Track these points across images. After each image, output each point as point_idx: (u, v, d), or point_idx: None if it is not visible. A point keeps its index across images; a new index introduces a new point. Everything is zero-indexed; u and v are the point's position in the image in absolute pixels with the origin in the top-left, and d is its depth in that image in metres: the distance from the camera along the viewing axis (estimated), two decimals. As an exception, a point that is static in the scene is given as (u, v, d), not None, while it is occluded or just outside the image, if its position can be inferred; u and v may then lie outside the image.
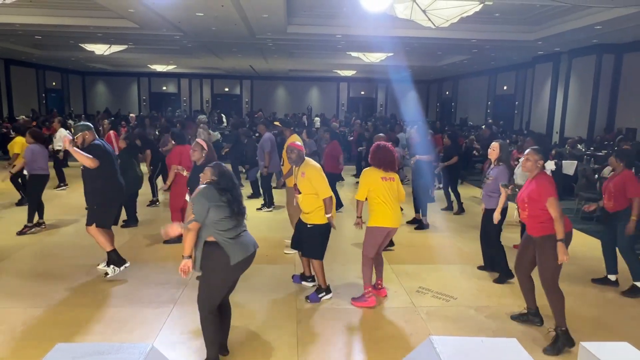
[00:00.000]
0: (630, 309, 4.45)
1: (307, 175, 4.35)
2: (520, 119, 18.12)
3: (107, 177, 4.76)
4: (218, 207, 3.07)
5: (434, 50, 16.47)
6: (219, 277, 3.13)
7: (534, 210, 3.69)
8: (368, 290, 4.36)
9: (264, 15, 10.60)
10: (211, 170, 3.21)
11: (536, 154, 3.75)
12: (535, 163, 3.73)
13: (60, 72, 24.61)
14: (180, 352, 3.52)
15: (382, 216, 4.25)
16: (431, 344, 1.97)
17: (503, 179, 4.86)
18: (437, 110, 27.64)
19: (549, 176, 3.82)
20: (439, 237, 6.78)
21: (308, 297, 4.45)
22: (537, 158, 3.73)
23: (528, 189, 3.77)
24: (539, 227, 3.69)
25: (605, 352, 1.98)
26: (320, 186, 4.29)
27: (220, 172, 3.20)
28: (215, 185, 3.12)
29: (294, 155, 4.47)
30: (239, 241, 3.15)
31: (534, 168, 3.74)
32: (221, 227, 3.07)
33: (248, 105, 27.87)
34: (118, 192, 4.96)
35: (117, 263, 4.84)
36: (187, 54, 18.54)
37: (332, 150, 8.02)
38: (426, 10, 7.73)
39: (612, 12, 9.27)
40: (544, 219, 3.64)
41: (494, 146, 5.05)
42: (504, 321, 4.09)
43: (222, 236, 3.08)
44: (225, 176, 3.20)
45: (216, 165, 3.27)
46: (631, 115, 12.97)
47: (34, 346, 3.49)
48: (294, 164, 4.54)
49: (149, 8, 9.94)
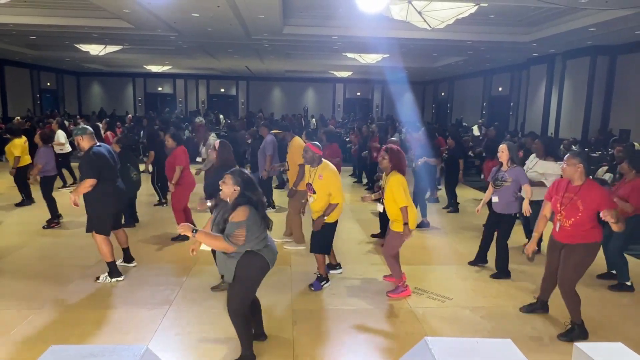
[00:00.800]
0: (625, 309, 4.48)
1: (324, 178, 4.53)
2: (516, 120, 18.20)
3: (103, 184, 4.64)
4: (260, 228, 3.15)
5: (429, 51, 16.52)
6: (257, 281, 3.30)
7: (584, 219, 3.62)
8: (402, 282, 4.60)
9: (260, 16, 10.59)
10: (233, 178, 3.10)
11: (574, 157, 3.69)
12: (574, 167, 3.66)
13: (55, 72, 24.50)
14: (176, 353, 3.51)
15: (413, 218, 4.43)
16: (426, 344, 1.97)
17: (525, 180, 4.92)
18: (432, 111, 27.72)
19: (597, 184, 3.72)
20: (435, 237, 6.80)
21: (311, 285, 4.72)
22: (575, 162, 3.66)
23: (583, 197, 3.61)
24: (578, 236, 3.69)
25: (600, 352, 1.98)
26: (335, 190, 4.52)
27: (244, 181, 3.10)
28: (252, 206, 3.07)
29: (309, 155, 4.61)
30: (270, 246, 3.29)
31: (573, 172, 3.67)
32: (260, 238, 3.17)
33: (244, 106, 27.85)
34: (115, 197, 4.85)
35: (112, 274, 4.79)
36: (182, 54, 18.50)
37: (332, 153, 7.98)
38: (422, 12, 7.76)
39: (606, 14, 9.32)
40: (586, 227, 3.65)
41: (502, 148, 5.02)
42: (499, 322, 4.11)
43: (261, 245, 3.18)
44: (251, 185, 3.13)
45: (237, 172, 3.16)
46: (625, 116, 13.05)
47: (28, 348, 3.47)
48: (309, 163, 4.67)
49: (144, 8, 9.91)
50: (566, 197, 3.72)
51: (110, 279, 4.76)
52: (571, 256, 3.71)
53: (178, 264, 5.32)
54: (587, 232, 3.66)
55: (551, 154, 5.83)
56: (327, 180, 4.52)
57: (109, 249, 4.73)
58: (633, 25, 10.13)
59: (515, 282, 5.01)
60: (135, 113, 24.78)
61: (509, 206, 4.97)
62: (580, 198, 3.63)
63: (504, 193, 4.96)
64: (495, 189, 5.03)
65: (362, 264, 5.52)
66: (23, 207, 7.99)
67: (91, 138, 4.72)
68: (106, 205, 4.74)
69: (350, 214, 7.93)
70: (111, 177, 4.77)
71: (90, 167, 4.56)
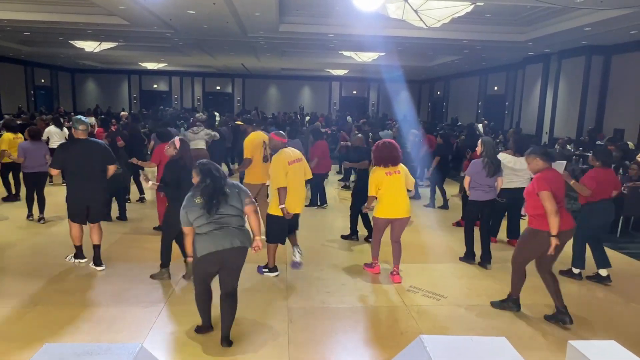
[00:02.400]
0: (618, 307, 4.51)
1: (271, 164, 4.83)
2: (511, 119, 18.26)
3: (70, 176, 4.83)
4: (192, 210, 3.39)
5: (425, 50, 16.54)
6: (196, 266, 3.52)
7: (529, 204, 4.02)
8: (375, 261, 5.09)
9: (256, 14, 10.56)
10: (195, 171, 3.49)
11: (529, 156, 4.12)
12: (534, 162, 4.05)
13: (49, 69, 24.33)
14: (171, 352, 3.50)
15: (385, 208, 4.78)
16: (421, 343, 1.97)
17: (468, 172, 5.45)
18: (428, 110, 27.76)
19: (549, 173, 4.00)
20: (430, 235, 6.82)
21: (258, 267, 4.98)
22: (532, 158, 4.07)
23: (529, 185, 4.08)
24: (532, 219, 4.02)
25: (593, 350, 1.99)
26: (273, 175, 4.73)
27: (202, 171, 3.44)
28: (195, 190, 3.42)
29: (272, 144, 4.94)
30: (211, 233, 3.38)
31: (536, 167, 4.05)
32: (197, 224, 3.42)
33: (240, 104, 27.78)
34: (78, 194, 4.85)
35: (77, 256, 5.16)
36: (178, 51, 18.43)
37: (321, 152, 8.08)
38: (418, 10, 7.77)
39: (601, 14, 9.36)
40: (535, 213, 3.94)
41: (478, 143, 5.50)
42: (494, 320, 4.13)
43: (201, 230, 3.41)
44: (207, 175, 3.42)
45: (199, 164, 3.51)
46: (619, 116, 13.13)
47: (21, 346, 3.45)
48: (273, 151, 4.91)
49: (139, 5, 9.85)
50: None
51: (74, 259, 5.15)
52: (525, 235, 4.11)
53: (172, 262, 5.30)
54: (538, 218, 3.93)
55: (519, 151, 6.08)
56: (271, 165, 4.80)
57: (74, 234, 5.01)
58: (628, 25, 10.19)
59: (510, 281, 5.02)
60: (131, 110, 24.65)
61: (472, 193, 5.48)
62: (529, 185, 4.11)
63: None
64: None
65: (356, 263, 5.53)
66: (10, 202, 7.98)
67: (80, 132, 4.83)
68: (72, 197, 4.86)
69: (337, 212, 7.94)
70: (76, 171, 4.79)
71: (54, 158, 4.84)
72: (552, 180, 3.92)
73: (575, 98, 14.02)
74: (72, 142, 4.91)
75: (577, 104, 13.93)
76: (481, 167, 5.33)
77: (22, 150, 6.86)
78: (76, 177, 4.80)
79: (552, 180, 3.92)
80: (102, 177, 4.98)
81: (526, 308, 4.30)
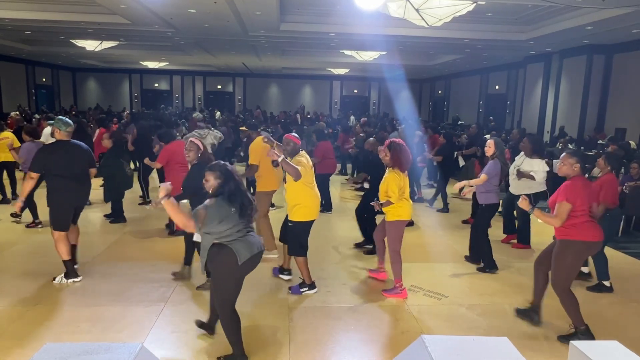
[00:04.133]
0: (620, 307, 4.50)
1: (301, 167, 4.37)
2: (512, 118, 18.24)
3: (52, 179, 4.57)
4: (228, 218, 3.07)
5: (426, 49, 16.52)
6: (227, 278, 3.14)
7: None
8: (400, 283, 4.54)
9: (257, 13, 10.55)
10: (213, 173, 3.10)
11: (571, 157, 3.72)
12: (571, 167, 3.70)
13: (50, 68, 24.36)
14: (171, 351, 3.50)
15: (405, 210, 4.52)
16: (423, 342, 1.97)
17: (487, 173, 5.13)
18: (429, 109, 27.74)
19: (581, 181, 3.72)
20: (431, 235, 6.81)
21: (290, 288, 4.58)
22: (572, 162, 3.69)
23: (559, 190, 3.73)
24: (561, 230, 3.71)
25: (596, 350, 1.99)
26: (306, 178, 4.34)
27: (224, 174, 3.10)
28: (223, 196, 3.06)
29: (290, 147, 4.46)
30: (247, 240, 3.16)
31: (570, 172, 3.72)
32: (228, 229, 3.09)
33: (241, 103, 27.79)
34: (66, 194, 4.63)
35: (68, 275, 4.68)
36: (179, 50, 18.43)
37: (325, 152, 8.00)
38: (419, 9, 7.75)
39: (603, 13, 9.34)
40: (566, 223, 3.65)
41: (489, 143, 5.25)
42: (496, 319, 4.12)
43: (231, 237, 3.10)
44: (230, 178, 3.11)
45: (216, 166, 3.16)
46: (621, 115, 13.10)
47: (22, 345, 3.45)
48: (290, 155, 4.47)
49: (140, 4, 9.85)
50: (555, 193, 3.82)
51: (66, 280, 4.65)
52: (557, 253, 3.73)
53: (173, 261, 5.30)
54: (568, 228, 3.66)
55: (537, 152, 6.02)
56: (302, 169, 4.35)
57: (63, 248, 4.60)
58: (629, 24, 10.16)
59: (511, 280, 5.03)
60: (132, 109, 24.68)
61: (487, 197, 5.19)
62: (558, 190, 3.75)
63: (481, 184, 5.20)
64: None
65: (357, 262, 5.52)
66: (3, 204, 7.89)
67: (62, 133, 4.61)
68: (54, 202, 4.59)
69: (342, 214, 7.93)
70: (61, 173, 4.57)
71: (35, 161, 4.55)
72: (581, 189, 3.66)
73: (576, 97, 14.00)
74: (56, 144, 4.64)
75: (578, 103, 13.91)
76: (499, 168, 5.21)
77: (26, 151, 6.84)
78: (64, 179, 4.57)
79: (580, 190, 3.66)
80: (88, 179, 4.85)
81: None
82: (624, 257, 6.06)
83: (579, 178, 3.70)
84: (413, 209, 4.88)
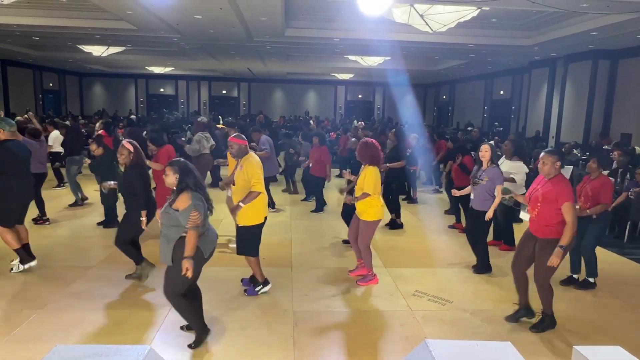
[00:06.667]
0: (623, 312, 4.49)
1: (245, 168, 4.35)
2: (517, 124, 18.21)
3: (6, 178, 4.75)
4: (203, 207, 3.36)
5: (431, 54, 16.55)
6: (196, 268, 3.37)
7: (545, 212, 3.76)
8: (371, 272, 4.93)
9: (262, 18, 10.63)
10: (172, 169, 3.36)
11: (551, 155, 3.78)
12: (552, 165, 3.75)
13: (57, 73, 24.57)
14: (178, 354, 3.52)
15: (380, 210, 4.84)
16: (427, 347, 1.98)
17: (500, 181, 5.07)
18: (434, 114, 27.74)
19: (566, 179, 3.85)
20: (435, 240, 6.80)
21: (246, 291, 4.59)
22: (553, 160, 3.75)
23: (544, 189, 3.78)
24: (546, 229, 3.78)
25: (599, 355, 2.00)
26: (256, 179, 4.28)
27: (182, 169, 3.36)
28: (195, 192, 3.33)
29: (234, 149, 4.44)
30: (207, 234, 3.47)
31: (552, 170, 3.77)
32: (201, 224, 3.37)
33: (245, 108, 27.89)
34: (19, 193, 4.87)
35: (23, 261, 4.92)
36: (184, 56, 18.55)
37: (322, 156, 8.14)
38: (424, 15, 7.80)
39: (608, 18, 9.35)
40: (553, 222, 3.72)
41: (485, 148, 5.23)
42: (499, 325, 4.12)
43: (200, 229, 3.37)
44: (188, 173, 3.37)
45: (175, 162, 3.43)
46: (626, 120, 13.06)
47: (30, 348, 3.49)
48: (236, 157, 4.48)
49: (147, 10, 9.95)
50: (534, 188, 3.91)
51: (23, 265, 4.90)
52: (541, 252, 3.80)
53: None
54: (555, 226, 3.72)
55: (518, 154, 6.12)
56: (247, 169, 4.33)
57: (11, 237, 4.81)
58: (634, 30, 10.15)
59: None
60: (137, 114, 24.83)
61: (485, 203, 5.13)
62: (542, 189, 3.80)
63: (479, 191, 5.17)
64: (473, 187, 5.26)
65: (362, 267, 5.53)
66: None
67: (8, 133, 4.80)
68: (7, 200, 4.79)
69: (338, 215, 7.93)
70: (15, 172, 4.80)
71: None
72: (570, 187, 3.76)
73: (581, 103, 13.97)
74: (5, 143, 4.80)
75: (583, 108, 13.87)
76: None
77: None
78: (15, 177, 4.80)
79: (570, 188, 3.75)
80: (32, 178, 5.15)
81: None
82: (628, 262, 6.05)
83: (563, 177, 3.80)
84: (414, 212, 4.97)
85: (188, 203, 3.28)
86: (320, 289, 4.80)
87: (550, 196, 3.72)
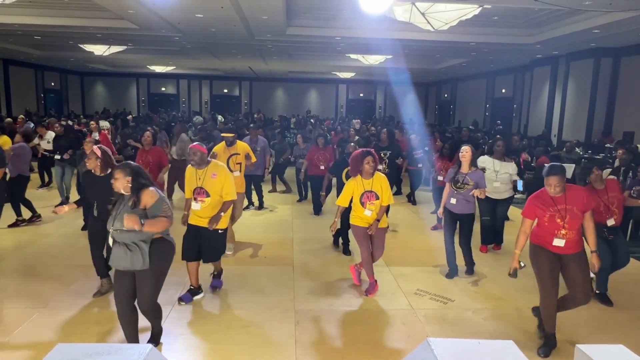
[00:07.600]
0: (626, 311, 4.48)
1: (219, 176, 4.27)
2: (519, 122, 18.17)
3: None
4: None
5: (432, 53, 16.51)
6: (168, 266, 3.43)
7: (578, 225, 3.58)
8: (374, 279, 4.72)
9: (264, 17, 10.62)
10: (123, 171, 3.20)
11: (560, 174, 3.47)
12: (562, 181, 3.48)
13: (59, 72, 24.59)
14: (179, 353, 3.52)
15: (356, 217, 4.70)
16: (429, 345, 1.98)
17: (483, 184, 5.03)
18: (435, 112, 27.69)
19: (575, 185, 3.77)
20: (437, 239, 6.78)
21: (181, 297, 4.34)
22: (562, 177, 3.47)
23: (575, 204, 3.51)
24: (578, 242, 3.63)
25: (601, 354, 1.99)
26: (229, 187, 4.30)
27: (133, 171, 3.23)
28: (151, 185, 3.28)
29: (197, 157, 4.26)
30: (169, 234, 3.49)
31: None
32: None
33: (247, 107, 27.89)
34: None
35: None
36: (186, 55, 18.55)
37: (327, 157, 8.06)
38: (425, 13, 7.78)
39: (610, 16, 9.31)
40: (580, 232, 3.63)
41: (467, 149, 5.04)
42: (502, 324, 4.11)
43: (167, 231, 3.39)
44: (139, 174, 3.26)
45: (124, 164, 3.30)
46: (629, 118, 13.02)
47: (32, 347, 3.50)
48: (198, 165, 4.30)
49: (148, 9, 9.95)
50: (561, 209, 3.51)
51: None
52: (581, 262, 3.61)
53: (180, 264, 5.33)
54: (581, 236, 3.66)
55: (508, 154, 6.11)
56: (221, 177, 4.24)
57: None
58: (637, 28, 10.12)
59: (517, 284, 5.00)
60: (139, 113, 24.85)
61: (467, 206, 5.05)
62: (575, 205, 3.51)
63: (463, 195, 5.00)
64: (457, 191, 5.02)
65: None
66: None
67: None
68: None
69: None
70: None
71: None
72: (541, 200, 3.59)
73: (584, 101, 13.93)
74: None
75: (585, 106, 13.83)
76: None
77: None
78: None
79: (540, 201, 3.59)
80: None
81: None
82: (632, 261, 6.00)
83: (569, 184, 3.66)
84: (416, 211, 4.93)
85: (156, 197, 3.20)
86: (322, 287, 4.80)
87: (582, 208, 3.53)
